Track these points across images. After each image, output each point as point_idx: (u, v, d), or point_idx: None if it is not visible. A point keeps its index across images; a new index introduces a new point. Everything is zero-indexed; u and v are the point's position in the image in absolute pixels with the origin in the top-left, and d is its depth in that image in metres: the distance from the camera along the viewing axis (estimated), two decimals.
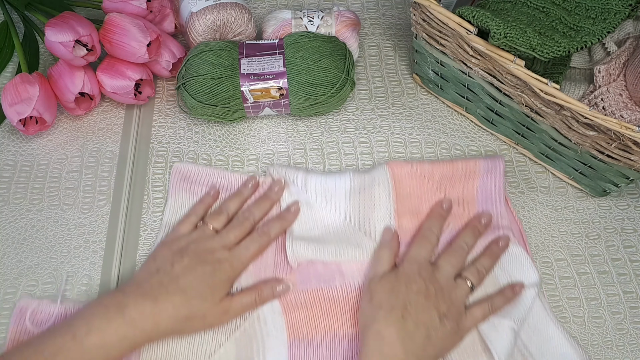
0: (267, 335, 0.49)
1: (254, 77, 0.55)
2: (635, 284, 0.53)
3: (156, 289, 0.46)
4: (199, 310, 0.46)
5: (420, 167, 0.56)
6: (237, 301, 0.48)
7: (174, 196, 0.56)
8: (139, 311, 0.44)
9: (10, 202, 0.56)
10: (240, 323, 0.49)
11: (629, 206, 0.57)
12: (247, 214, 0.53)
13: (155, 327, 0.44)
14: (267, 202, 0.54)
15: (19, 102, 0.54)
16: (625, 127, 0.45)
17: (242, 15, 0.59)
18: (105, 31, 0.56)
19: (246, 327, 0.49)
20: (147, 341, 0.45)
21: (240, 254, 0.50)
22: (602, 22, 0.51)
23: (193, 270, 0.47)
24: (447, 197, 0.55)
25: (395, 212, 0.54)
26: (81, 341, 0.42)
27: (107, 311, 0.44)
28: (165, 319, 0.45)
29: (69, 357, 0.41)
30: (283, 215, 0.53)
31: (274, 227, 0.52)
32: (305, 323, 0.50)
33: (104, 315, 0.43)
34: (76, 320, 0.43)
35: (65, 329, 0.43)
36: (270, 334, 0.49)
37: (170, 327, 0.45)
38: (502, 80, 0.52)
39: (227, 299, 0.48)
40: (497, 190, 0.55)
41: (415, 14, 0.55)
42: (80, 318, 0.43)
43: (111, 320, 0.43)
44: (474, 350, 0.48)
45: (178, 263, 0.47)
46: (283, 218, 0.53)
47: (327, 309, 0.50)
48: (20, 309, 0.49)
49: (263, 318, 0.49)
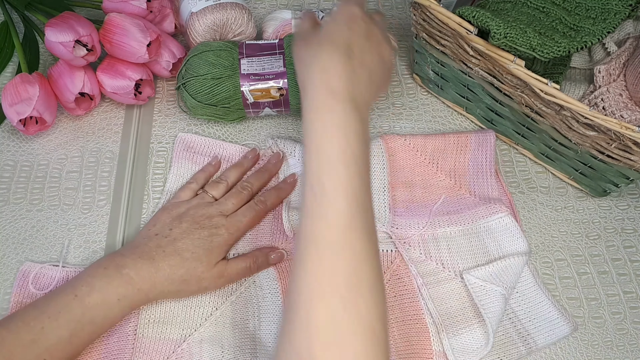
0: (262, 299, 0.50)
1: (254, 77, 0.55)
2: (636, 284, 0.53)
3: (154, 250, 0.47)
4: (194, 272, 0.47)
5: (413, 140, 0.58)
6: (232, 266, 0.50)
7: (176, 165, 0.57)
8: (136, 271, 0.46)
9: (10, 202, 0.56)
10: (237, 288, 0.51)
11: (629, 206, 0.57)
12: (245, 183, 0.54)
13: (152, 287, 0.46)
14: (265, 174, 0.56)
15: (19, 102, 0.54)
16: (625, 127, 0.45)
17: (242, 15, 0.59)
18: (105, 31, 0.56)
19: (242, 291, 0.51)
20: (145, 301, 0.47)
21: (237, 221, 0.51)
22: (602, 22, 0.51)
23: (190, 234, 0.49)
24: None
25: (389, 184, 0.56)
26: (82, 300, 0.43)
27: (106, 272, 0.45)
28: (162, 280, 0.46)
29: (71, 315, 0.43)
30: (280, 186, 0.56)
31: (271, 197, 0.54)
32: None
33: (103, 276, 0.45)
34: (77, 281, 0.45)
35: (67, 290, 0.44)
36: (266, 298, 0.50)
37: (166, 288, 0.47)
38: (502, 80, 0.52)
39: (223, 263, 0.49)
40: (487, 162, 0.57)
41: (415, 14, 0.55)
42: (81, 279, 0.45)
43: (111, 280, 0.45)
44: (464, 316, 0.50)
45: (176, 227, 0.49)
46: (280, 188, 0.55)
47: None
48: (23, 273, 0.51)
49: (259, 283, 0.51)
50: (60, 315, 0.43)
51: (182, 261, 0.47)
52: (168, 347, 0.48)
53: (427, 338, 0.49)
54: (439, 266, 0.52)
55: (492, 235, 0.53)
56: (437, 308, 0.50)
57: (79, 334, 0.43)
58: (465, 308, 0.50)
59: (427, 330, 0.49)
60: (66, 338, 0.42)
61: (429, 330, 0.49)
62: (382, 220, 0.54)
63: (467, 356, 0.48)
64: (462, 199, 0.56)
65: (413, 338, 0.49)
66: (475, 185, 0.57)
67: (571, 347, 0.50)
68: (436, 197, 0.56)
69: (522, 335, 0.50)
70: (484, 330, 0.49)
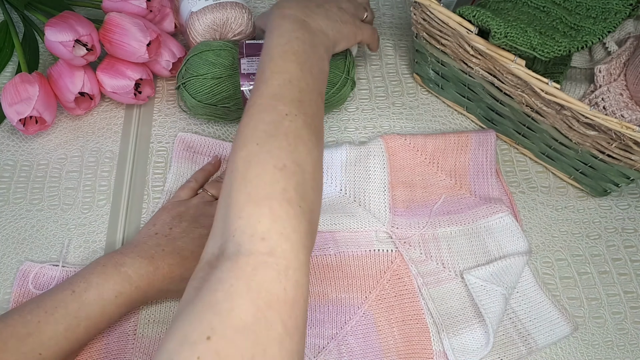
0: None
1: (254, 77, 0.55)
2: (636, 283, 0.53)
3: (153, 249, 0.47)
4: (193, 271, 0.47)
5: (413, 140, 0.58)
6: None
7: (176, 164, 0.57)
8: (135, 269, 0.45)
9: (10, 202, 0.56)
10: None
11: (630, 206, 0.57)
12: None
13: (150, 285, 0.46)
14: None
15: (19, 101, 0.54)
16: (625, 126, 0.45)
17: (242, 14, 0.59)
18: (105, 31, 0.56)
19: None
20: (143, 300, 0.46)
21: None
22: (603, 22, 0.51)
23: (190, 233, 0.49)
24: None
25: (389, 184, 0.56)
26: (80, 296, 0.43)
27: (104, 269, 0.45)
28: (160, 278, 0.46)
29: (67, 310, 0.43)
30: None
31: None
32: None
33: (101, 273, 0.45)
34: (75, 277, 0.45)
35: (65, 286, 0.44)
36: None
37: (166, 287, 0.47)
38: (502, 79, 0.52)
39: None
40: (488, 162, 0.57)
41: (416, 13, 0.55)
42: (80, 276, 0.45)
43: (108, 276, 0.45)
44: (465, 316, 0.50)
45: (176, 226, 0.49)
46: None
47: (321, 276, 0.52)
48: (22, 273, 0.51)
49: None
50: (57, 310, 0.43)
51: (181, 260, 0.47)
52: None
53: (428, 338, 0.49)
54: (440, 266, 0.52)
55: (492, 235, 0.53)
56: (437, 308, 0.50)
57: (74, 329, 0.43)
58: (466, 308, 0.50)
59: (427, 330, 0.49)
60: (62, 333, 0.42)
61: (429, 330, 0.49)
62: (383, 220, 0.54)
63: (468, 356, 0.48)
64: (463, 199, 0.56)
65: (413, 338, 0.49)
66: (476, 185, 0.57)
67: (571, 347, 0.50)
68: (436, 197, 0.56)
69: (522, 335, 0.49)
70: (485, 330, 0.49)
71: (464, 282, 0.51)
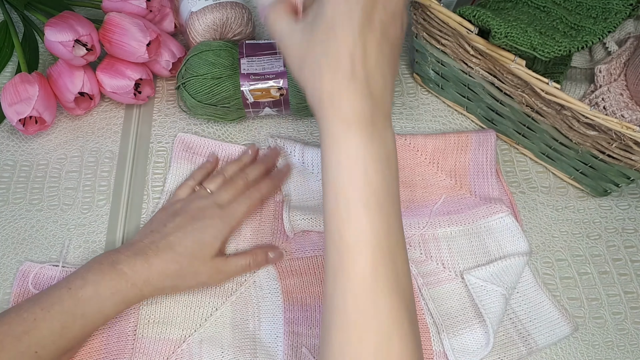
0: (262, 300, 0.51)
1: (254, 77, 0.55)
2: (636, 284, 0.53)
3: (147, 246, 0.47)
4: (188, 266, 0.47)
5: (413, 140, 0.58)
6: (231, 262, 0.50)
7: (176, 165, 0.57)
8: (130, 267, 0.46)
9: (10, 202, 0.56)
10: (237, 288, 0.51)
11: (630, 206, 0.57)
12: (241, 174, 0.54)
13: (146, 282, 0.46)
14: (261, 165, 0.56)
15: (19, 101, 0.54)
16: (626, 126, 0.45)
17: (242, 14, 0.59)
18: (104, 31, 0.56)
19: (242, 291, 0.51)
20: (139, 297, 0.46)
21: (233, 210, 0.51)
22: (603, 22, 0.51)
23: (182, 228, 0.49)
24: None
25: None
26: (75, 293, 0.44)
27: (101, 267, 0.46)
28: (156, 275, 0.46)
29: (63, 307, 0.43)
30: (275, 173, 0.56)
31: (266, 185, 0.54)
32: (300, 289, 0.51)
33: (98, 270, 0.45)
34: (72, 275, 0.46)
35: (61, 284, 0.45)
36: (266, 298, 0.51)
37: (161, 284, 0.47)
38: (502, 79, 0.52)
39: (222, 259, 0.49)
40: (488, 162, 0.57)
41: (416, 13, 0.55)
42: (76, 274, 0.46)
43: (104, 274, 0.45)
44: (465, 316, 0.50)
45: (170, 223, 0.49)
46: (274, 176, 0.55)
47: (321, 276, 0.52)
48: (22, 273, 0.51)
49: (259, 283, 0.51)
50: (53, 308, 0.43)
51: (175, 255, 0.47)
52: (168, 348, 0.48)
53: (428, 338, 0.49)
54: (440, 266, 0.52)
55: (492, 235, 0.53)
56: (437, 308, 0.50)
57: (70, 326, 0.43)
58: (466, 308, 0.50)
59: (427, 331, 0.49)
60: (57, 330, 0.43)
61: (429, 331, 0.49)
62: None
63: (468, 356, 0.48)
64: (463, 199, 0.56)
65: None
66: (476, 185, 0.57)
67: (572, 348, 0.50)
68: (437, 197, 0.56)
69: (522, 335, 0.49)
70: (485, 331, 0.49)
71: (464, 282, 0.51)
